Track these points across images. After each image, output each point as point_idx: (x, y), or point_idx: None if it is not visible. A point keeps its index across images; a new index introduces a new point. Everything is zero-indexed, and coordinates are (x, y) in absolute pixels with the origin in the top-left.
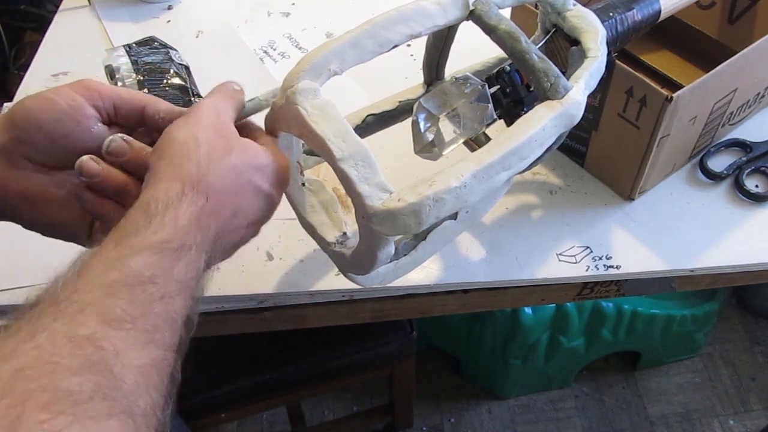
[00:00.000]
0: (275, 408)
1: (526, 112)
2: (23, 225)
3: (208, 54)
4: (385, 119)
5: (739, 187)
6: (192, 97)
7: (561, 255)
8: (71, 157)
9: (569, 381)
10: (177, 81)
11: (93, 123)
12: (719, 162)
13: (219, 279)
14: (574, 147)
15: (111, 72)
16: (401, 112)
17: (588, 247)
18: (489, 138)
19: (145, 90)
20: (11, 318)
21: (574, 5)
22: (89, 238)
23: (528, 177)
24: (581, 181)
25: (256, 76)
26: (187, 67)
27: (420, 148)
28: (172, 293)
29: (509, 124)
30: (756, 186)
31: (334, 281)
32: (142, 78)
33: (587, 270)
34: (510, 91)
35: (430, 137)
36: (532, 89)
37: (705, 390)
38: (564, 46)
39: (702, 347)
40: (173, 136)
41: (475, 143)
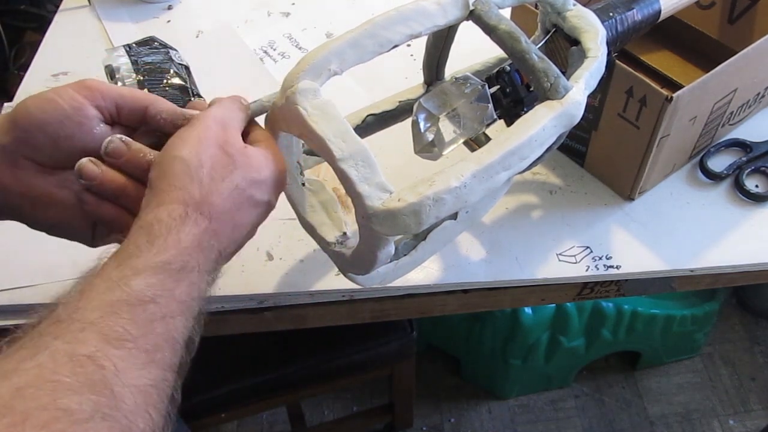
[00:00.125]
0: (275, 408)
1: (526, 112)
2: (28, 224)
3: (208, 54)
4: (385, 119)
5: (739, 187)
6: (192, 97)
7: (561, 255)
8: (74, 158)
9: (569, 381)
10: (177, 81)
11: (95, 123)
12: (719, 162)
13: (219, 279)
14: (574, 147)
15: (111, 72)
16: (401, 112)
17: (588, 247)
18: (489, 138)
19: (145, 90)
20: (13, 336)
21: (574, 5)
22: (93, 238)
23: (528, 177)
24: (581, 181)
25: (256, 76)
26: (187, 67)
27: (420, 148)
28: (173, 313)
29: (509, 124)
30: (756, 186)
31: (334, 281)
32: (142, 78)
33: (587, 270)
34: (510, 91)
35: (430, 137)
36: (532, 89)
37: (705, 390)
38: (564, 46)
39: (702, 347)
40: (176, 153)
41: (475, 143)
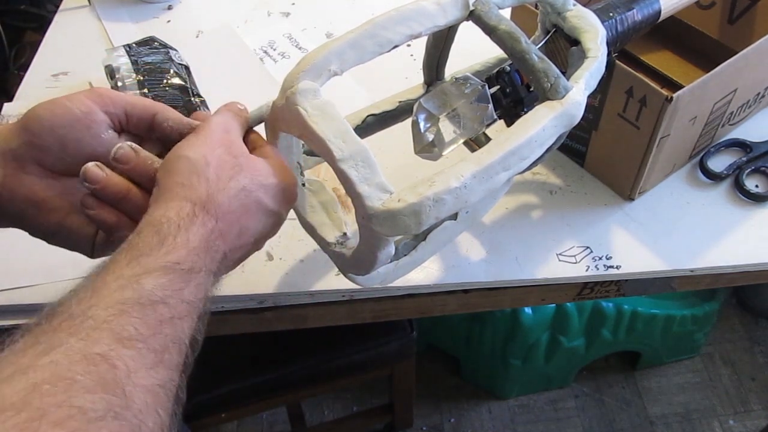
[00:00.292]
0: (275, 408)
1: (526, 112)
2: (29, 231)
3: (208, 54)
4: (385, 119)
5: (739, 187)
6: (192, 97)
7: (561, 255)
8: (80, 163)
9: (569, 381)
10: (177, 81)
11: (104, 129)
12: (719, 162)
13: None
14: (574, 147)
15: (111, 72)
16: (401, 112)
17: (588, 247)
18: (489, 138)
19: (145, 90)
20: (27, 327)
21: (574, 5)
22: (93, 247)
23: (528, 177)
24: (581, 181)
25: (256, 76)
26: (187, 67)
27: (420, 148)
28: (181, 314)
29: (509, 124)
30: (756, 186)
31: (334, 281)
32: (142, 78)
33: (587, 270)
34: (510, 92)
35: (430, 137)
36: (532, 89)
37: (705, 390)
38: (564, 46)
39: (702, 347)
40: (182, 153)
41: (475, 143)
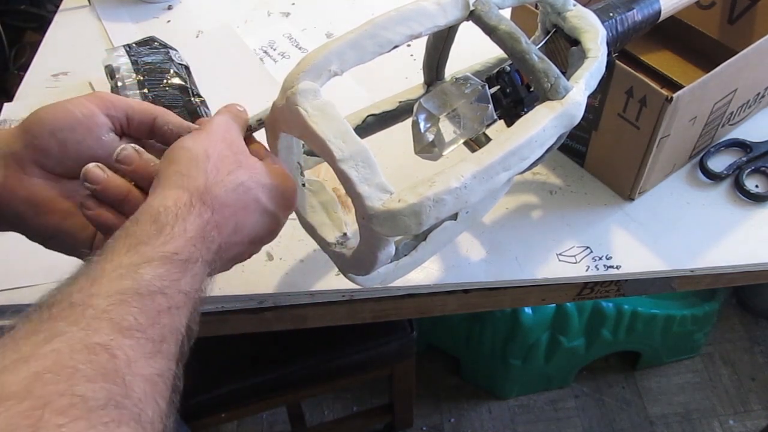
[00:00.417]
0: (275, 408)
1: (526, 112)
2: (27, 234)
3: (208, 54)
4: (386, 119)
5: (739, 187)
6: (192, 97)
7: (561, 255)
8: (81, 165)
9: (569, 381)
10: (177, 81)
11: (105, 131)
12: (719, 162)
13: (219, 279)
14: (574, 147)
15: (111, 72)
16: (401, 112)
17: (588, 247)
18: (489, 138)
19: (145, 90)
20: (27, 313)
21: (574, 5)
22: (91, 251)
23: (528, 177)
24: (581, 181)
25: (256, 76)
26: (187, 67)
27: (420, 148)
28: (178, 304)
29: (509, 124)
30: (756, 186)
31: (334, 281)
32: (142, 78)
33: (587, 270)
34: (510, 92)
35: (430, 137)
36: (532, 89)
37: (705, 390)
38: (564, 46)
39: (702, 347)
40: (184, 145)
41: (476, 143)
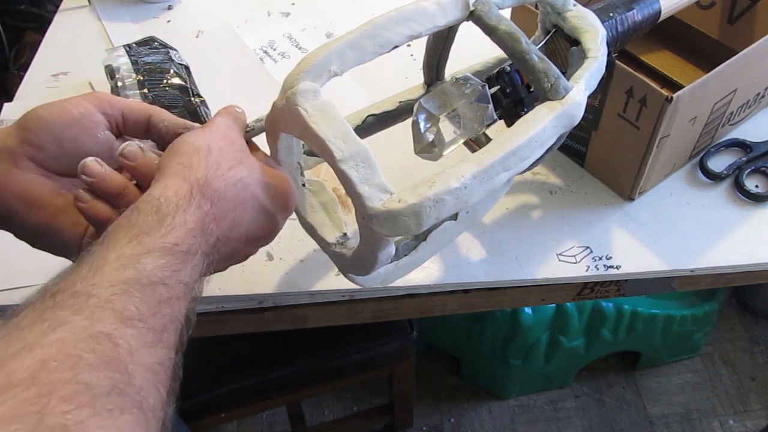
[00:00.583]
0: (275, 408)
1: (526, 112)
2: (16, 231)
3: (208, 54)
4: (386, 119)
5: (739, 187)
6: (192, 97)
7: (561, 255)
8: (75, 163)
9: (569, 381)
10: (177, 81)
11: (100, 129)
12: (719, 162)
13: (219, 279)
14: (574, 147)
15: (111, 72)
16: (401, 112)
17: (588, 247)
18: (489, 138)
19: (145, 90)
20: (29, 302)
21: (574, 5)
22: (80, 250)
23: (528, 177)
24: (581, 181)
25: (256, 76)
26: (187, 67)
27: (420, 148)
28: (178, 295)
29: (509, 124)
30: (756, 186)
31: (334, 281)
32: (142, 78)
33: (587, 270)
34: (510, 92)
35: (430, 138)
36: (532, 89)
37: (705, 390)
38: (564, 46)
39: (702, 347)
40: (187, 139)
41: (476, 144)
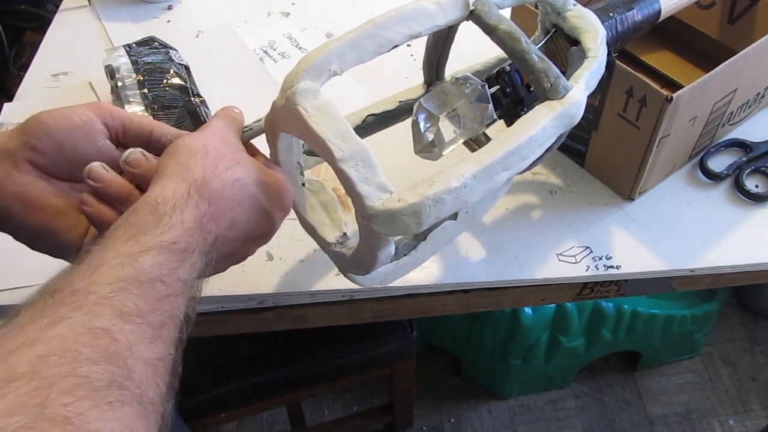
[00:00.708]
0: (275, 408)
1: (526, 112)
2: (14, 233)
3: (208, 54)
4: (386, 119)
5: (739, 187)
6: (192, 97)
7: (561, 255)
8: (75, 169)
9: (569, 381)
10: (177, 81)
11: (101, 138)
12: (719, 162)
13: (219, 279)
14: (574, 147)
15: (111, 72)
16: (401, 112)
17: (588, 247)
18: (489, 138)
19: (145, 90)
20: (29, 301)
21: (574, 5)
22: (78, 252)
23: (528, 177)
24: (581, 181)
25: (256, 76)
26: (187, 67)
27: (420, 148)
28: (177, 292)
29: (509, 124)
30: (756, 186)
31: (334, 281)
32: (142, 78)
33: (587, 270)
34: (510, 91)
35: (430, 137)
36: (532, 89)
37: (705, 390)
38: (564, 46)
39: (702, 347)
40: (184, 141)
41: (475, 143)
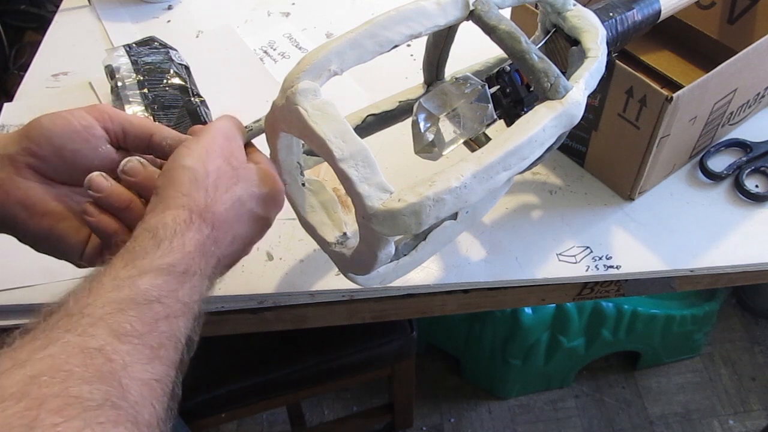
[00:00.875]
0: (275, 408)
1: (526, 112)
2: (19, 236)
3: (208, 54)
4: (386, 119)
5: (739, 187)
6: (192, 97)
7: (561, 255)
8: (76, 174)
9: (569, 381)
10: (177, 81)
11: (101, 143)
12: (719, 162)
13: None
14: (574, 147)
15: (111, 72)
16: (401, 112)
17: (588, 247)
18: (489, 138)
19: (145, 90)
20: (25, 327)
21: (574, 5)
22: (81, 256)
23: (528, 177)
24: (581, 181)
25: (256, 76)
26: (187, 67)
27: (420, 148)
28: (176, 314)
29: (509, 124)
30: (756, 186)
31: (334, 281)
32: (142, 78)
33: (587, 270)
34: (510, 91)
35: (430, 137)
36: (532, 89)
37: (705, 390)
38: (564, 46)
39: (702, 347)
40: (183, 162)
41: (475, 143)
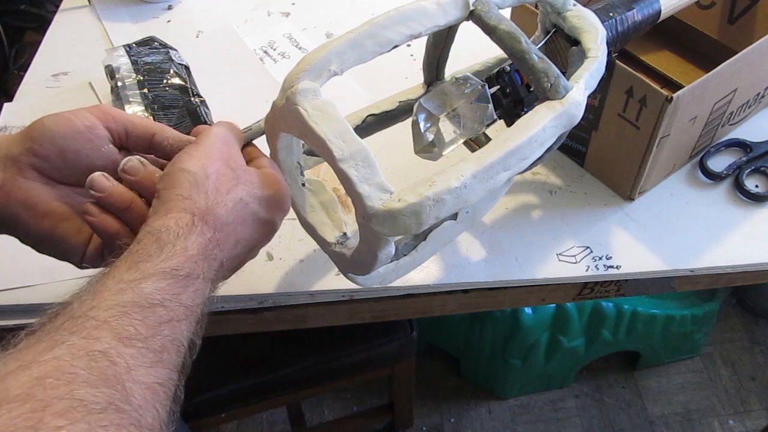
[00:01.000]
0: (275, 408)
1: (526, 112)
2: (20, 237)
3: (208, 54)
4: (386, 119)
5: (739, 187)
6: (192, 97)
7: (561, 255)
8: (79, 174)
9: (569, 381)
10: (177, 81)
11: (104, 143)
12: (719, 162)
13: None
14: (574, 147)
15: (111, 72)
16: (401, 112)
17: (588, 247)
18: (489, 138)
19: (145, 90)
20: (30, 329)
21: (574, 5)
22: (83, 257)
23: (528, 177)
24: (581, 181)
25: (256, 76)
26: (187, 67)
27: (420, 148)
28: (179, 317)
29: (509, 124)
30: (756, 186)
31: (334, 281)
32: (142, 78)
33: (587, 270)
34: (510, 92)
35: (430, 137)
36: (532, 89)
37: (705, 390)
38: (564, 46)
39: (702, 347)
40: (183, 166)
41: (475, 143)
